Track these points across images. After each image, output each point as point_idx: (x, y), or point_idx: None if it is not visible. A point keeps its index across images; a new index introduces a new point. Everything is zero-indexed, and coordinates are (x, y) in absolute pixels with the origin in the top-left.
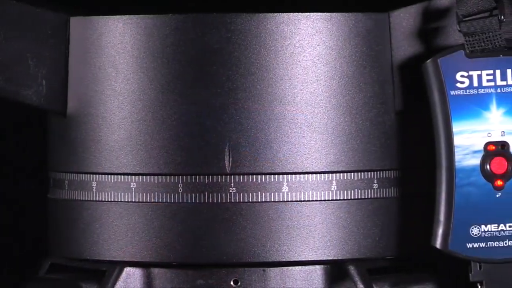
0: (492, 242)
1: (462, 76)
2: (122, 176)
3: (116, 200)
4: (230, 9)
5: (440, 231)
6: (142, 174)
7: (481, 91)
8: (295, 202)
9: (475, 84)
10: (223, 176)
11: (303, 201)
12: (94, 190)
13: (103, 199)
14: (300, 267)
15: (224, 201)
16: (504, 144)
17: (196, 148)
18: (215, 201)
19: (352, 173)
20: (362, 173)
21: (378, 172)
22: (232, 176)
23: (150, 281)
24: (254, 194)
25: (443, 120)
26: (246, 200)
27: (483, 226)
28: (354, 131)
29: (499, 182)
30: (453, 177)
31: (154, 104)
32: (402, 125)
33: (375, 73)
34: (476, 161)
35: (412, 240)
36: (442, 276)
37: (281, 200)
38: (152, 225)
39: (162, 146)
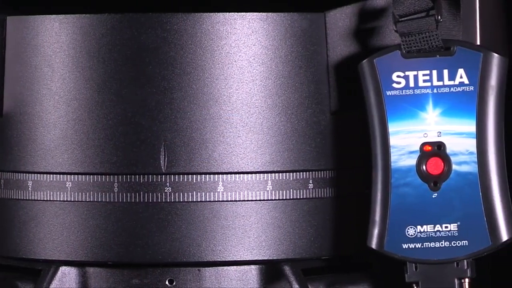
0: (428, 243)
1: (398, 76)
2: (58, 175)
3: (51, 199)
4: (166, 8)
5: (375, 232)
6: (78, 174)
7: (418, 91)
8: (231, 202)
9: (411, 84)
10: (159, 176)
11: (239, 201)
12: (29, 189)
13: (38, 198)
14: (235, 267)
15: (159, 200)
16: (440, 145)
17: (131, 148)
18: (150, 200)
19: (288, 173)
20: (298, 173)
21: (314, 172)
22: (168, 175)
23: (86, 280)
24: (190, 193)
25: (379, 120)
26: (181, 200)
27: (419, 227)
28: (289, 131)
29: (435, 183)
30: (389, 177)
31: (89, 104)
32: (337, 125)
33: (310, 73)
34: (412, 161)
35: (348, 241)
36: (378, 277)
37: (216, 200)
38: (88, 224)
39: (98, 145)
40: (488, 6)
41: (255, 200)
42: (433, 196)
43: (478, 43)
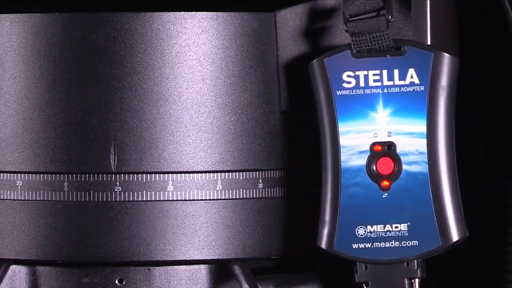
0: (378, 243)
1: (348, 76)
2: (8, 174)
3: (1, 198)
4: (117, 8)
5: (325, 231)
6: (28, 172)
7: (368, 91)
8: (180, 201)
9: (362, 84)
10: (109, 175)
11: (188, 200)
12: None
13: None
14: (185, 266)
15: (109, 199)
16: (390, 145)
17: (81, 147)
18: (100, 199)
19: (237, 173)
20: (247, 172)
21: (263, 171)
22: (118, 175)
23: (36, 279)
24: (139, 193)
25: (329, 120)
26: (131, 199)
27: (369, 227)
28: (239, 131)
29: (385, 183)
30: (339, 177)
31: (40, 103)
32: (287, 125)
33: (260, 72)
34: (362, 161)
35: (297, 240)
36: (327, 277)
37: (166, 199)
38: (38, 223)
39: (48, 144)
40: (439, 6)
41: (205, 200)
42: (383, 196)
43: (429, 43)
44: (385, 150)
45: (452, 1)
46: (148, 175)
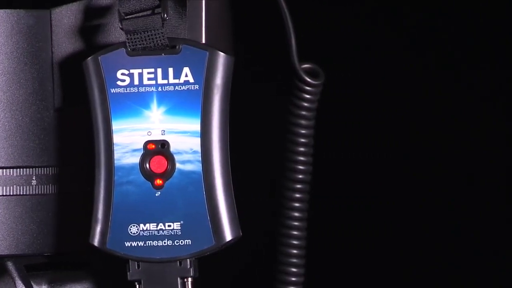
0: (151, 241)
1: (123, 74)
2: None
3: None
4: None
5: (98, 229)
6: None
7: (142, 89)
8: None
9: (136, 82)
10: None
11: None
12: None
13: None
14: None
15: None
16: (164, 143)
17: None
18: None
19: (11, 169)
20: (21, 169)
21: (37, 168)
22: None
23: None
24: None
25: (103, 118)
26: None
27: (142, 225)
28: (13, 127)
29: (158, 181)
30: (112, 175)
31: None
32: (61, 122)
33: (35, 70)
34: (135, 159)
35: (71, 238)
36: (100, 275)
37: None
38: None
39: None
40: (214, 5)
41: None
42: (156, 195)
43: (204, 41)
44: (158, 149)
45: (227, 1)
46: None
